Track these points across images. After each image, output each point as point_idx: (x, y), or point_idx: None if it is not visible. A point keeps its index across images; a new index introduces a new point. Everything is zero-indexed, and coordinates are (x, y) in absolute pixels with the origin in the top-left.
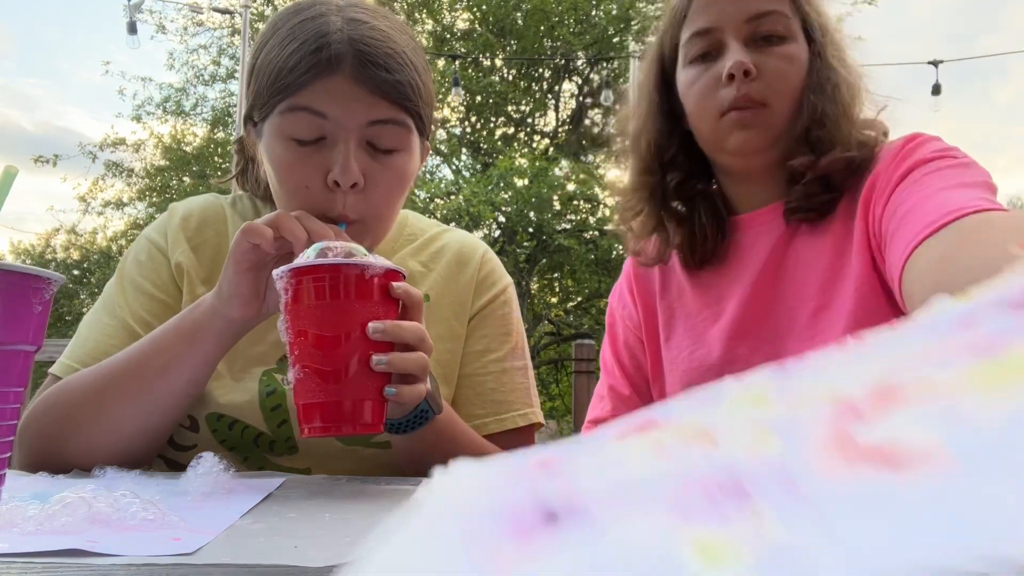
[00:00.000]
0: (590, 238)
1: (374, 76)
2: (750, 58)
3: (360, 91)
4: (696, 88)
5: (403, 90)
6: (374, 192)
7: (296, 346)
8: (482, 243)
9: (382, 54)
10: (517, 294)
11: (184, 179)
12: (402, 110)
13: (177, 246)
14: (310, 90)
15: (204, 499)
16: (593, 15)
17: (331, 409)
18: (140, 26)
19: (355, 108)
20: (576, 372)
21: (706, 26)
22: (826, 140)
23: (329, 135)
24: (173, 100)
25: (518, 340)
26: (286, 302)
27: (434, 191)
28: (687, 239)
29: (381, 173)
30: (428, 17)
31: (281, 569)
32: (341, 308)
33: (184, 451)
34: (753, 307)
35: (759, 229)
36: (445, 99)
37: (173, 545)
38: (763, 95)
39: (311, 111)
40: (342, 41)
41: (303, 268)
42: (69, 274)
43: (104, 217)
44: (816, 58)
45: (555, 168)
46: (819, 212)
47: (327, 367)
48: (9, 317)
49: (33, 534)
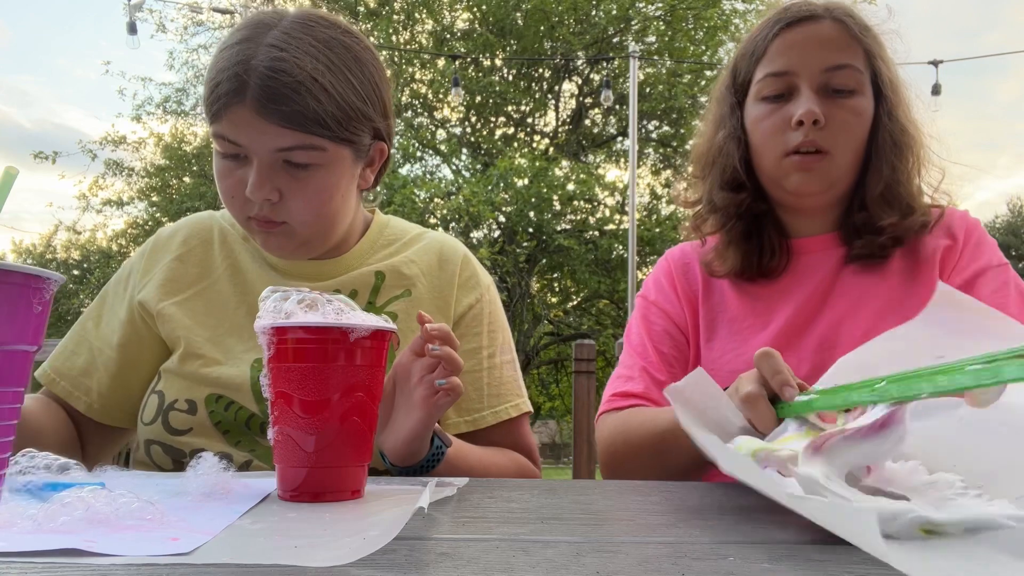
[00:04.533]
0: (590, 238)
1: (274, 109)
2: (820, 108)
3: (264, 123)
4: (765, 126)
5: (303, 120)
6: (293, 202)
7: (275, 407)
8: (462, 245)
9: (283, 84)
10: (517, 294)
11: (184, 179)
12: (311, 135)
13: (155, 264)
14: (224, 120)
15: (204, 499)
16: (593, 15)
17: (309, 478)
18: (140, 25)
19: (262, 139)
20: (576, 372)
21: (783, 70)
22: (903, 200)
23: (248, 155)
24: (173, 100)
25: (504, 335)
26: (268, 359)
27: (434, 191)
28: (755, 255)
29: (298, 186)
30: (428, 17)
31: (281, 569)
32: (321, 371)
33: (180, 435)
34: (800, 321)
35: (814, 255)
36: (445, 99)
37: (171, 545)
38: (827, 144)
39: (227, 140)
40: (249, 71)
41: (281, 327)
42: (69, 274)
43: (104, 216)
44: (887, 116)
45: (555, 168)
46: (883, 259)
47: (305, 432)
48: (9, 317)
49: (32, 534)
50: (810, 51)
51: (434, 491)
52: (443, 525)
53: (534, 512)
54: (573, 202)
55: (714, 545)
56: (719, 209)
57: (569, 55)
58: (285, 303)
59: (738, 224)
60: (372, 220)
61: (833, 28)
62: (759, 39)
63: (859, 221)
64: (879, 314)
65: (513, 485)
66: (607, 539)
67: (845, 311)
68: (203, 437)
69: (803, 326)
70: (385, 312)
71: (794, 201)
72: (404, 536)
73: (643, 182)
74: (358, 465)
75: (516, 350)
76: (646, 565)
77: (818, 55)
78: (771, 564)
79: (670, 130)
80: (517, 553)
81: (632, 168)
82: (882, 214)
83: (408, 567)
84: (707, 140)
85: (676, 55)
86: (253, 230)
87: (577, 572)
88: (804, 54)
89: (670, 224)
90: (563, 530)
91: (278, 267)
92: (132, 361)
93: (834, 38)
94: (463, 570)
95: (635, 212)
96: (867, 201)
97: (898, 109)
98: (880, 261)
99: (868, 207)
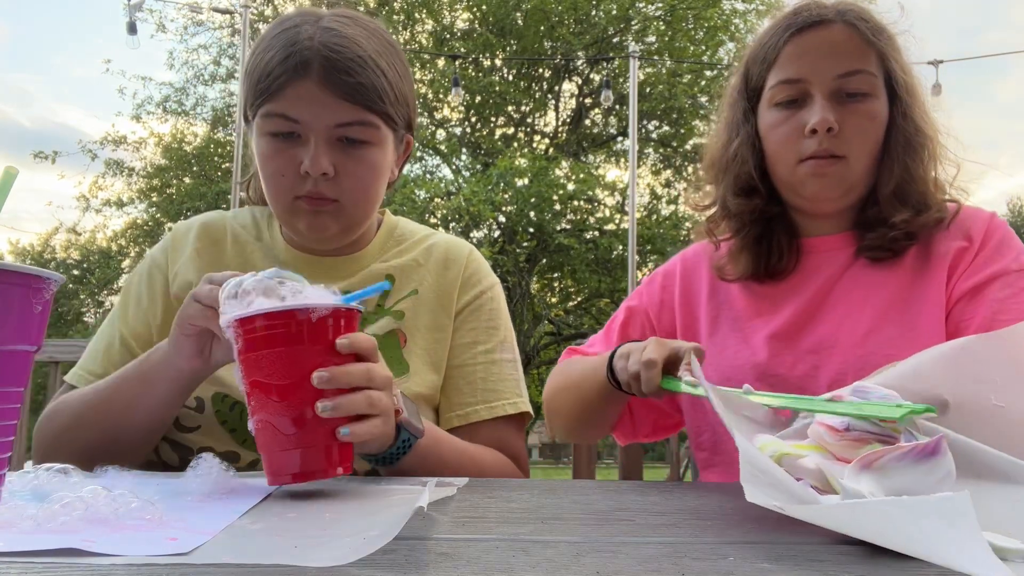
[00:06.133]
0: (590, 238)
1: (340, 81)
2: (834, 114)
3: (327, 96)
4: (778, 133)
5: (367, 93)
6: (346, 179)
7: (251, 397)
8: (469, 244)
9: (348, 59)
10: (518, 294)
11: (185, 179)
12: (368, 111)
13: (178, 257)
14: (283, 96)
15: (204, 499)
16: (593, 15)
17: (293, 460)
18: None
19: (322, 113)
20: None
21: (795, 77)
22: (917, 197)
23: (303, 133)
24: (173, 100)
25: (506, 335)
26: (238, 351)
27: (434, 191)
28: (764, 256)
29: (352, 164)
30: (428, 17)
31: (281, 569)
32: (290, 355)
33: (189, 432)
34: (801, 321)
35: (824, 255)
36: (445, 99)
37: (169, 545)
38: (843, 150)
39: (285, 117)
40: (311, 48)
41: (246, 317)
42: (69, 274)
43: (104, 216)
44: (901, 116)
45: (555, 168)
46: (894, 254)
47: (283, 416)
48: (9, 317)
49: (31, 533)
50: (822, 58)
51: (434, 491)
52: (443, 525)
53: (534, 512)
54: (573, 202)
55: (714, 545)
56: (733, 215)
57: (569, 55)
58: (241, 286)
59: (752, 229)
60: (383, 220)
61: (844, 32)
62: (770, 45)
63: (871, 217)
64: (883, 312)
65: (513, 485)
66: (607, 539)
67: (848, 309)
68: (211, 435)
69: (803, 325)
70: (392, 311)
71: (811, 207)
72: (404, 536)
73: (643, 182)
74: (340, 441)
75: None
76: (646, 565)
77: (830, 62)
78: (771, 564)
79: (670, 130)
80: (517, 553)
81: (632, 168)
82: (893, 210)
83: (408, 567)
84: (721, 146)
85: (676, 55)
86: (299, 211)
87: (577, 572)
88: (816, 61)
89: (670, 224)
90: (563, 530)
91: (289, 265)
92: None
93: (846, 43)
94: (463, 570)
95: (635, 212)
96: (879, 198)
97: (913, 109)
98: (892, 258)
99: (880, 203)
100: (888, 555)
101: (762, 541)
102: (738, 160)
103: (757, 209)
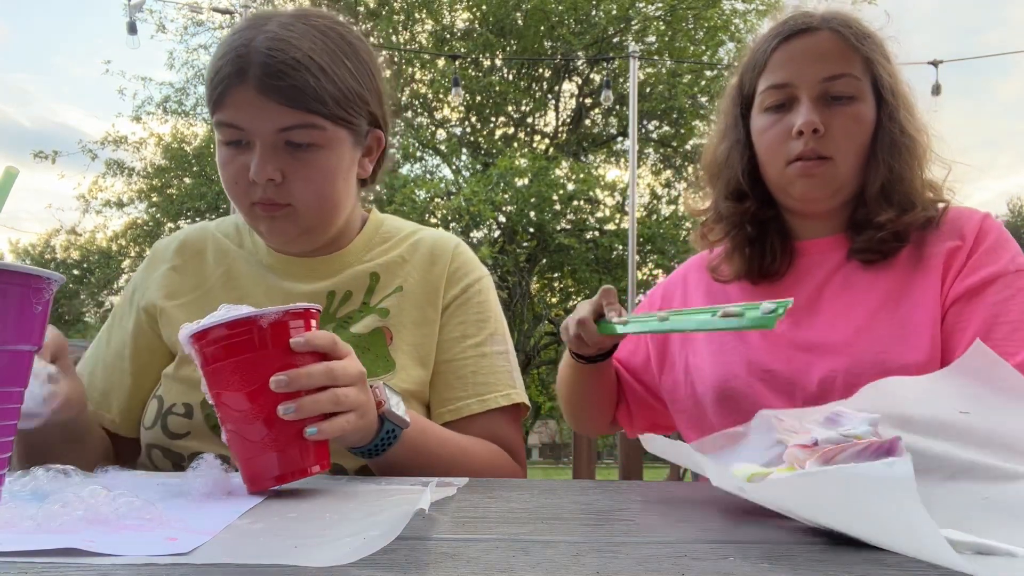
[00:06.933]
0: (590, 238)
1: (275, 86)
2: (819, 116)
3: (265, 101)
4: (768, 136)
5: (305, 95)
6: (296, 183)
7: (218, 408)
8: (456, 238)
9: (282, 63)
10: (518, 294)
11: (185, 179)
12: (309, 113)
13: (151, 274)
14: (226, 104)
15: (204, 499)
16: (593, 15)
17: (270, 464)
18: (140, 25)
19: (263, 118)
20: None
21: (782, 81)
22: (903, 197)
23: (250, 140)
24: (173, 100)
25: (497, 327)
26: (200, 366)
27: (434, 191)
28: (757, 258)
29: (301, 167)
30: (428, 17)
31: (281, 569)
32: (247, 363)
33: (179, 439)
34: (791, 321)
35: (817, 257)
36: (445, 99)
37: (169, 545)
38: (829, 151)
39: (231, 126)
40: (248, 55)
41: (200, 331)
42: (69, 274)
43: (104, 216)
44: (887, 118)
45: (555, 168)
46: (884, 256)
47: (251, 424)
48: (9, 317)
49: (31, 533)
50: (808, 63)
51: (434, 491)
52: (443, 525)
53: (534, 512)
54: (573, 202)
55: (714, 545)
56: (724, 218)
57: (569, 55)
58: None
59: (743, 231)
60: (368, 218)
61: (830, 39)
62: (760, 52)
63: (860, 218)
64: (873, 313)
65: (513, 485)
66: (607, 539)
67: (840, 310)
68: (201, 441)
69: (796, 325)
70: (378, 309)
71: (801, 207)
72: (404, 536)
73: (643, 182)
74: (314, 440)
75: (516, 350)
76: (646, 565)
77: (816, 66)
78: (771, 564)
79: (670, 130)
80: (517, 553)
81: (632, 168)
82: (879, 210)
83: (408, 567)
84: (712, 151)
85: (676, 55)
86: (257, 216)
87: (577, 572)
88: (802, 66)
89: (670, 223)
90: (563, 530)
91: (274, 268)
92: (144, 370)
93: (831, 49)
94: (463, 570)
95: (635, 212)
96: (866, 198)
97: (899, 112)
98: (882, 259)
99: (867, 203)
100: (889, 555)
101: (762, 541)
102: (728, 165)
103: (748, 212)
